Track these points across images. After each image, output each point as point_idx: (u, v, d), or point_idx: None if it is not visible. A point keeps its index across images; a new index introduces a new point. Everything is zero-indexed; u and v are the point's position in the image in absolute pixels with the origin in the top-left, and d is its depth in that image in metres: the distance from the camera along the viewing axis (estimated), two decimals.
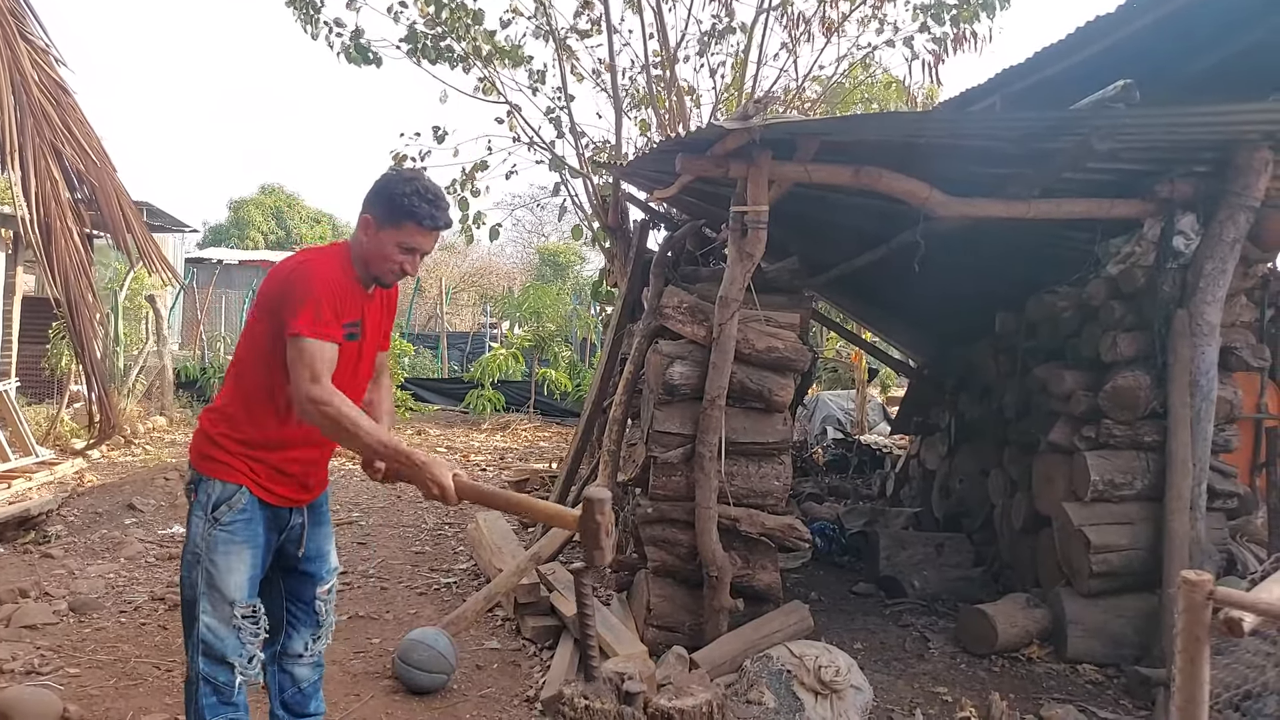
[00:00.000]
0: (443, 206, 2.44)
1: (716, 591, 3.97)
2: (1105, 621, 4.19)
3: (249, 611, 2.43)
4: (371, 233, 2.42)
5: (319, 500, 2.67)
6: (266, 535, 2.49)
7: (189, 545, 2.44)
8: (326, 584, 2.69)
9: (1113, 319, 4.32)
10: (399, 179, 2.44)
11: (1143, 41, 4.31)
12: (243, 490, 2.42)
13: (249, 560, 2.44)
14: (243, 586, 2.42)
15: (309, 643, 2.67)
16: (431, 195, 2.41)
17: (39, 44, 3.19)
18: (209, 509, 2.41)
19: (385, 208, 2.40)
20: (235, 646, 2.41)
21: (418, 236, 2.42)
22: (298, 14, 7.49)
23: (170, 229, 14.58)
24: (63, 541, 5.87)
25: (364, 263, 2.46)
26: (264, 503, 2.46)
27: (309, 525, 2.61)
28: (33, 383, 10.56)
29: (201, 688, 2.41)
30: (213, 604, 2.39)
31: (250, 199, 33.17)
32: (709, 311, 4.16)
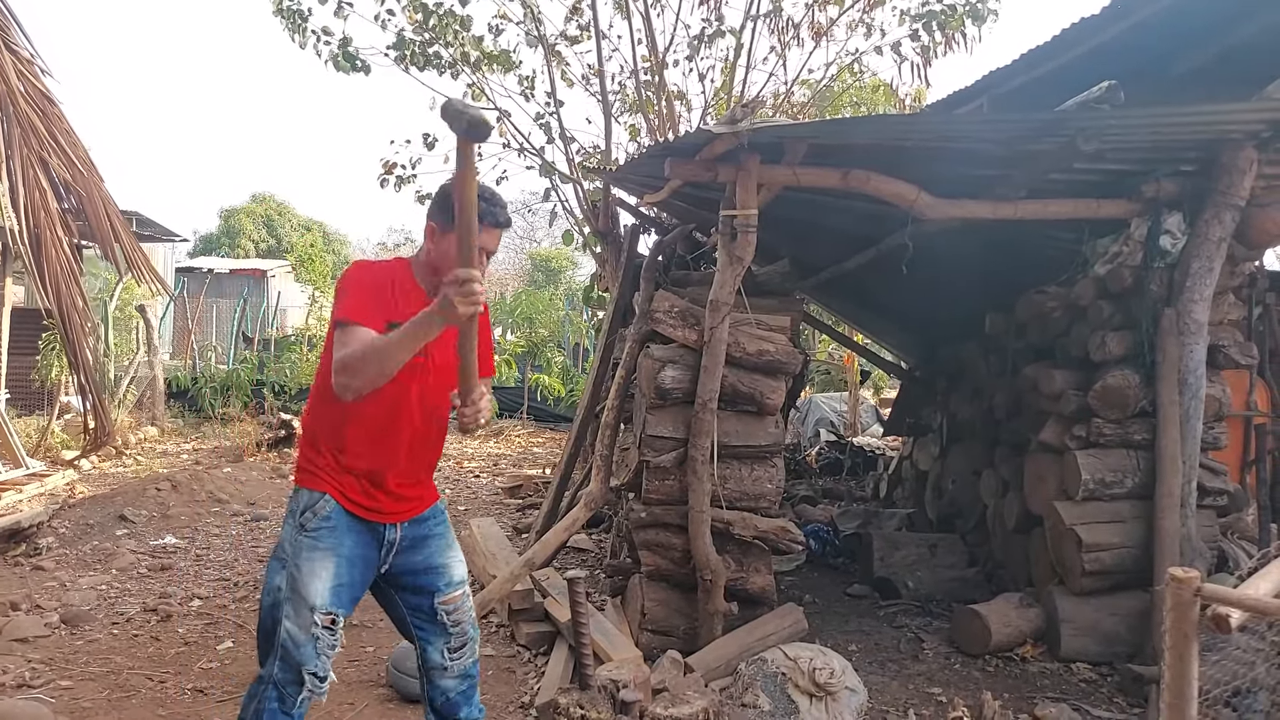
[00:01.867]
0: (501, 204, 2.48)
1: (711, 595, 3.97)
2: (1098, 620, 4.20)
3: (329, 621, 2.43)
4: (437, 239, 2.46)
5: (421, 517, 2.64)
6: (358, 548, 2.50)
7: (277, 550, 2.52)
8: (445, 595, 2.65)
9: (1101, 318, 4.34)
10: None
11: (1127, 43, 4.34)
12: (327, 499, 2.47)
13: (332, 568, 2.45)
14: (324, 593, 2.42)
15: (445, 653, 2.66)
16: (489, 195, 2.43)
17: (24, 55, 3.18)
18: (298, 515, 2.48)
19: (448, 213, 2.36)
20: (311, 656, 2.41)
21: (481, 236, 2.35)
22: (285, 23, 7.48)
23: (160, 238, 14.52)
24: (54, 553, 5.84)
25: (432, 270, 2.48)
26: (350, 514, 2.49)
27: (411, 540, 2.60)
28: (22, 394, 10.52)
29: (269, 691, 2.43)
30: (295, 609, 2.41)
31: (241, 207, 33.10)
32: (700, 315, 4.16)
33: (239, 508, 7.34)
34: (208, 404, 13.00)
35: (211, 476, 8.00)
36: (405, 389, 2.46)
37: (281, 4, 7.40)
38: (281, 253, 29.82)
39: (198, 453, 10.56)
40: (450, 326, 2.23)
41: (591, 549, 6.18)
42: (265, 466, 9.41)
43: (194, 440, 11.56)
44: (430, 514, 2.67)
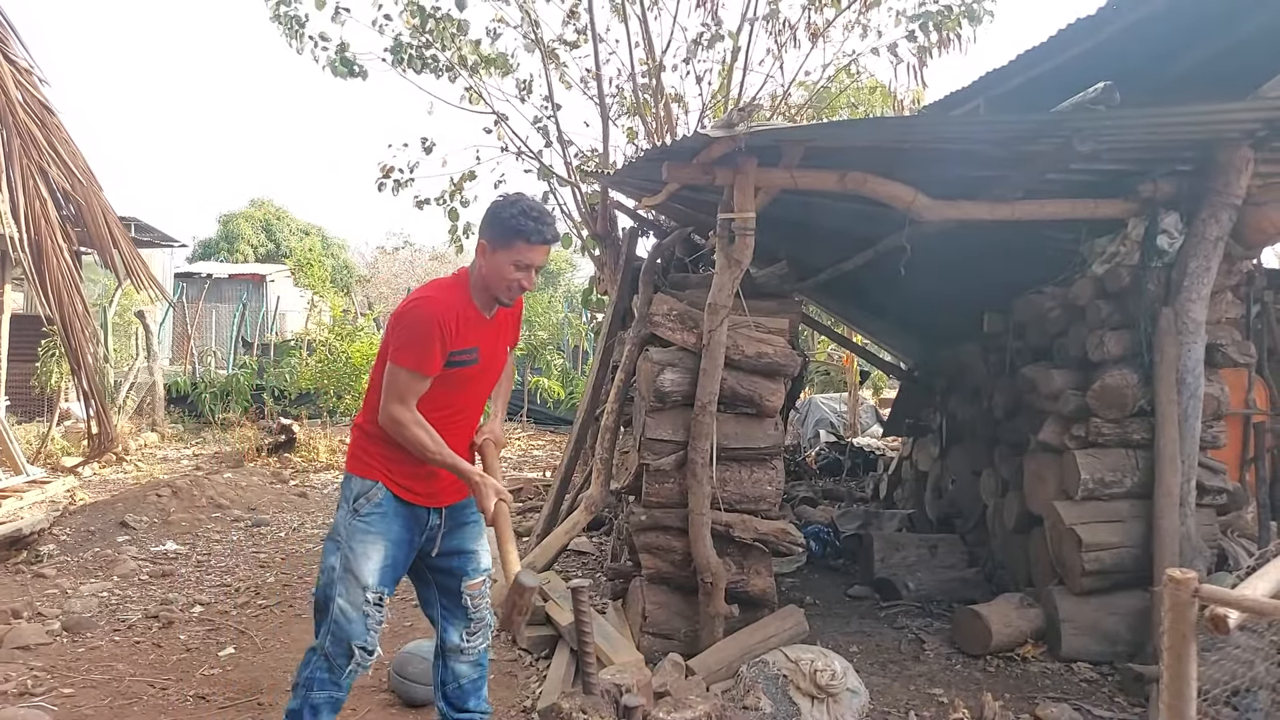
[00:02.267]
0: (548, 222, 2.65)
1: (711, 597, 3.98)
2: (1098, 619, 4.21)
3: (378, 599, 2.67)
4: (487, 256, 2.65)
5: (460, 504, 2.85)
6: (404, 532, 2.73)
7: (332, 533, 2.74)
8: (472, 580, 2.87)
9: (1099, 318, 4.35)
10: (505, 204, 2.65)
11: (1123, 43, 4.35)
12: (379, 486, 2.69)
13: (383, 550, 2.68)
14: (375, 573, 2.66)
15: (464, 636, 2.87)
16: (536, 213, 2.62)
17: (23, 65, 3.19)
18: (351, 501, 2.70)
19: (496, 231, 2.63)
20: (361, 631, 2.64)
21: (528, 252, 2.61)
22: (283, 29, 7.49)
23: (159, 244, 14.51)
24: (55, 560, 5.84)
25: (484, 286, 2.69)
26: (401, 500, 2.71)
27: (449, 525, 2.83)
28: (22, 401, 10.52)
29: (320, 661, 2.68)
30: (347, 587, 2.63)
31: (239, 212, 33.08)
32: (699, 318, 4.17)
33: (239, 513, 7.34)
34: (208, 409, 13.01)
35: (212, 482, 8.00)
36: (460, 390, 2.72)
37: (279, 10, 7.42)
38: (280, 257, 29.80)
39: (198, 458, 10.57)
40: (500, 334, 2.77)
41: (592, 552, 6.19)
42: (265, 471, 9.42)
43: (194, 446, 11.57)
44: (468, 501, 2.87)
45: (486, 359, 2.76)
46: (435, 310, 2.58)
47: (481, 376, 2.79)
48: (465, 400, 2.78)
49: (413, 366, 2.56)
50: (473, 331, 2.68)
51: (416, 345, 2.55)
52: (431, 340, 2.56)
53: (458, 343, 2.62)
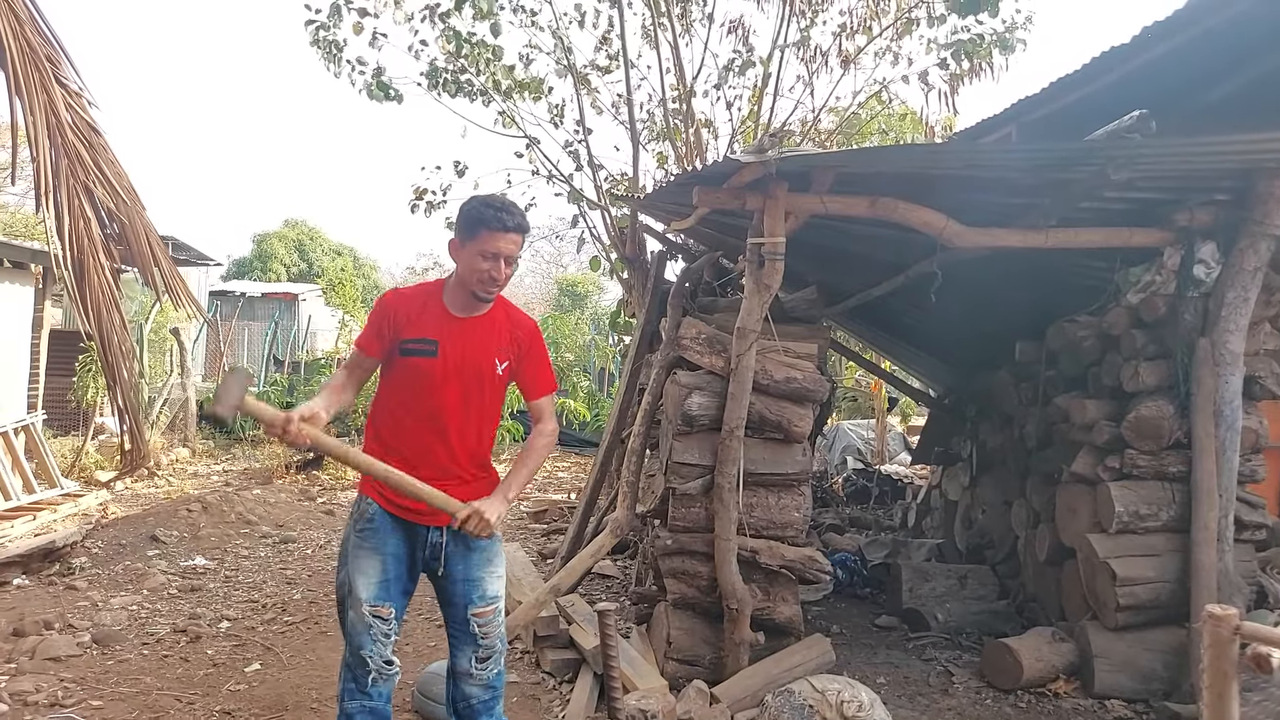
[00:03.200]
0: (512, 211, 2.67)
1: (737, 624, 3.94)
2: (1133, 656, 4.11)
3: (375, 613, 2.69)
4: (457, 251, 2.71)
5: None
6: (401, 546, 2.76)
7: (342, 547, 2.82)
8: (477, 608, 2.83)
9: (1134, 348, 4.29)
10: (470, 200, 2.73)
11: (1157, 70, 4.33)
12: (371, 502, 2.76)
13: (378, 565, 2.72)
14: (371, 588, 2.70)
15: (473, 661, 2.84)
16: (498, 203, 2.68)
17: (73, 88, 3.29)
18: (352, 517, 2.80)
19: (461, 224, 2.70)
20: (367, 642, 2.68)
21: (492, 240, 2.63)
22: (321, 53, 7.63)
23: (195, 262, 14.81)
24: (86, 573, 5.92)
25: (460, 284, 2.73)
26: (393, 516, 2.74)
27: (453, 547, 2.80)
28: (59, 415, 10.71)
29: (344, 673, 2.76)
30: (353, 601, 2.70)
31: (273, 232, 33.59)
32: (727, 342, 4.17)
33: (268, 529, 7.40)
34: (238, 426, 13.15)
35: (241, 498, 8.08)
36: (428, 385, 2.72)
37: (318, 35, 7.56)
38: (312, 277, 30.20)
39: (228, 474, 10.68)
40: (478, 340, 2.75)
41: (617, 575, 6.16)
42: (294, 489, 9.50)
43: (224, 462, 11.70)
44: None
45: (453, 359, 2.71)
46: (389, 296, 2.79)
47: (449, 378, 2.71)
48: (435, 404, 2.71)
49: (357, 341, 2.78)
50: (433, 324, 2.72)
51: (367, 326, 2.75)
52: (376, 320, 2.72)
53: (411, 330, 2.70)
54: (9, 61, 2.79)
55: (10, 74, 2.84)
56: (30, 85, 2.87)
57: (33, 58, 2.92)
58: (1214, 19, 3.95)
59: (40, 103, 2.93)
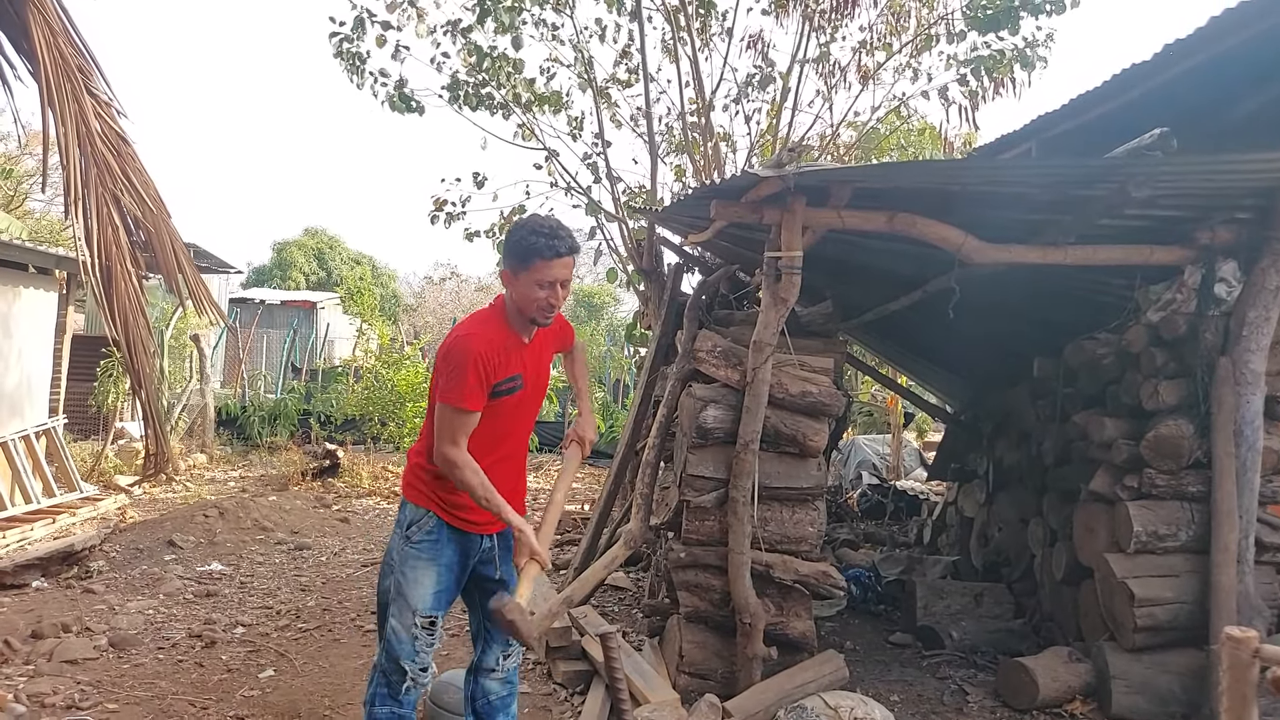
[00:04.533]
0: (562, 235, 2.65)
1: (750, 639, 3.93)
2: (1151, 677, 4.07)
3: (427, 622, 2.75)
4: (511, 280, 2.70)
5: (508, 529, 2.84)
6: (455, 556, 2.80)
7: (387, 557, 2.88)
8: None
9: (1154, 366, 4.25)
10: (516, 226, 2.72)
11: (1179, 88, 4.32)
12: (430, 514, 2.77)
13: (434, 576, 2.76)
14: (425, 599, 2.74)
15: (500, 659, 2.94)
16: (547, 229, 2.65)
17: (103, 98, 3.35)
18: (404, 528, 2.79)
19: (513, 255, 2.67)
20: (410, 652, 2.73)
21: (547, 270, 2.62)
22: (345, 65, 7.72)
23: (216, 270, 14.94)
24: (104, 577, 5.97)
25: (518, 311, 2.73)
26: (452, 527, 2.78)
27: (501, 550, 2.87)
28: (79, 419, 10.82)
29: (378, 678, 2.80)
30: (399, 609, 2.74)
31: (293, 241, 33.91)
32: (743, 355, 4.17)
33: (283, 536, 7.45)
34: (256, 432, 13.26)
35: (257, 505, 8.13)
36: (510, 418, 2.78)
37: (342, 47, 7.65)
38: (331, 285, 30.43)
39: (244, 480, 10.75)
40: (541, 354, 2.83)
41: (630, 587, 6.15)
42: (309, 496, 9.55)
43: (241, 468, 11.78)
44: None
45: (530, 382, 2.82)
46: (475, 345, 2.64)
47: (527, 400, 2.85)
48: (513, 426, 2.83)
49: (457, 404, 2.61)
50: (514, 358, 2.73)
51: (460, 383, 2.60)
52: (474, 377, 2.61)
53: (501, 373, 2.68)
54: (42, 72, 2.86)
55: (43, 84, 2.90)
56: (62, 95, 2.93)
57: (65, 69, 2.98)
58: (1236, 37, 3.93)
59: (71, 112, 2.99)
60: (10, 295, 8.33)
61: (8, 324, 8.29)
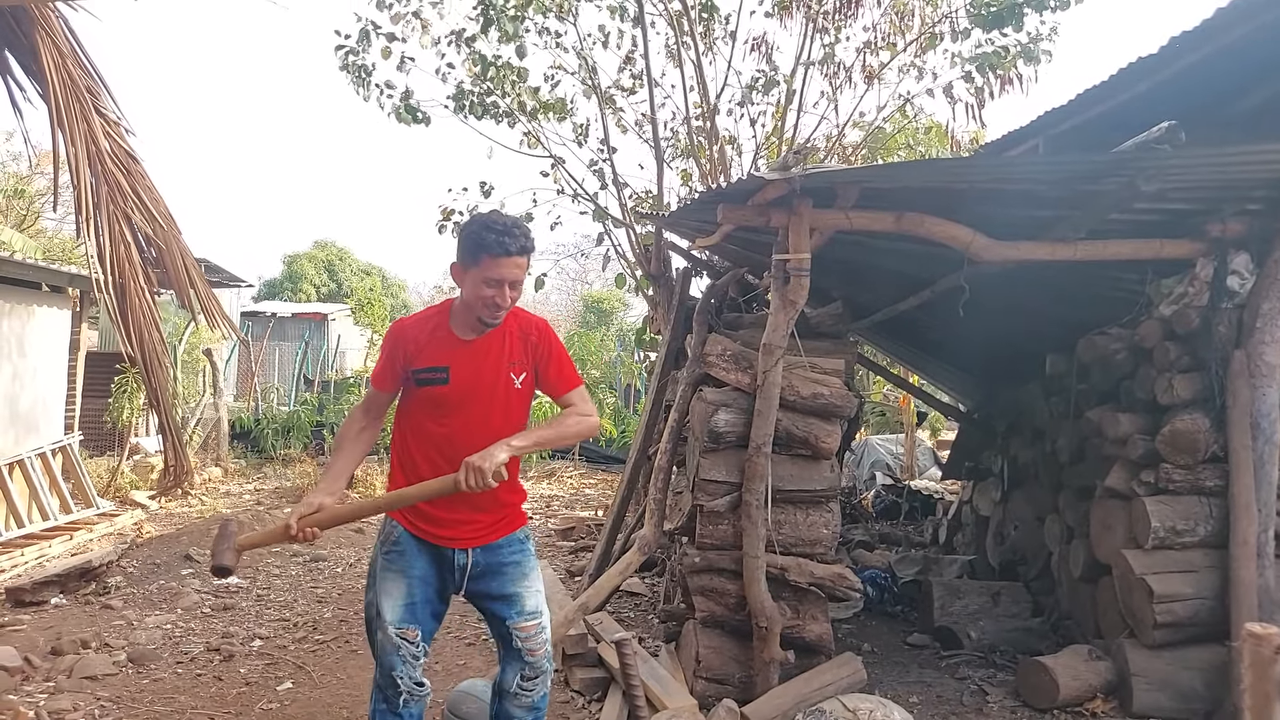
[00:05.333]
0: (514, 233, 2.55)
1: (766, 643, 3.92)
2: (1172, 674, 4.03)
3: (400, 634, 2.68)
4: (460, 276, 2.63)
5: (496, 545, 2.79)
6: (428, 569, 2.74)
7: (369, 571, 2.84)
8: (523, 622, 2.81)
9: (1167, 360, 4.23)
10: (470, 221, 2.67)
11: (1187, 81, 4.29)
12: (397, 525, 2.75)
13: (403, 588, 2.70)
14: (396, 610, 2.68)
15: (518, 681, 2.82)
16: (500, 226, 2.55)
17: (111, 117, 3.38)
18: (378, 539, 2.80)
19: (463, 250, 2.61)
20: (395, 664, 2.67)
21: (495, 268, 2.55)
22: (351, 78, 7.77)
23: (227, 284, 15.04)
24: (122, 592, 6.00)
25: (465, 309, 2.67)
26: (419, 539, 2.73)
27: (484, 567, 2.77)
28: (94, 435, 10.88)
29: (375, 694, 2.76)
30: (380, 624, 2.70)
31: (303, 253, 34.07)
32: (753, 359, 4.17)
33: (298, 548, 7.47)
34: (269, 445, 13.32)
35: (273, 517, 8.16)
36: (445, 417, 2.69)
37: (348, 60, 7.69)
38: (342, 297, 30.56)
39: (259, 493, 10.80)
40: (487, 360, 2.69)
41: (645, 593, 6.15)
42: None
43: (255, 481, 11.83)
44: (505, 542, 2.82)
45: (465, 382, 2.67)
46: (396, 327, 2.75)
47: (464, 402, 2.67)
48: (451, 431, 2.66)
49: (373, 378, 2.80)
50: (443, 350, 2.67)
51: (379, 362, 2.77)
52: (385, 357, 2.72)
53: (422, 359, 2.66)
54: (51, 94, 2.88)
55: (53, 106, 2.93)
56: (71, 116, 2.96)
57: (74, 90, 3.01)
58: (1243, 28, 3.90)
59: (81, 132, 3.01)
60: (25, 314, 8.40)
61: (23, 343, 8.36)
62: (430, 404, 2.70)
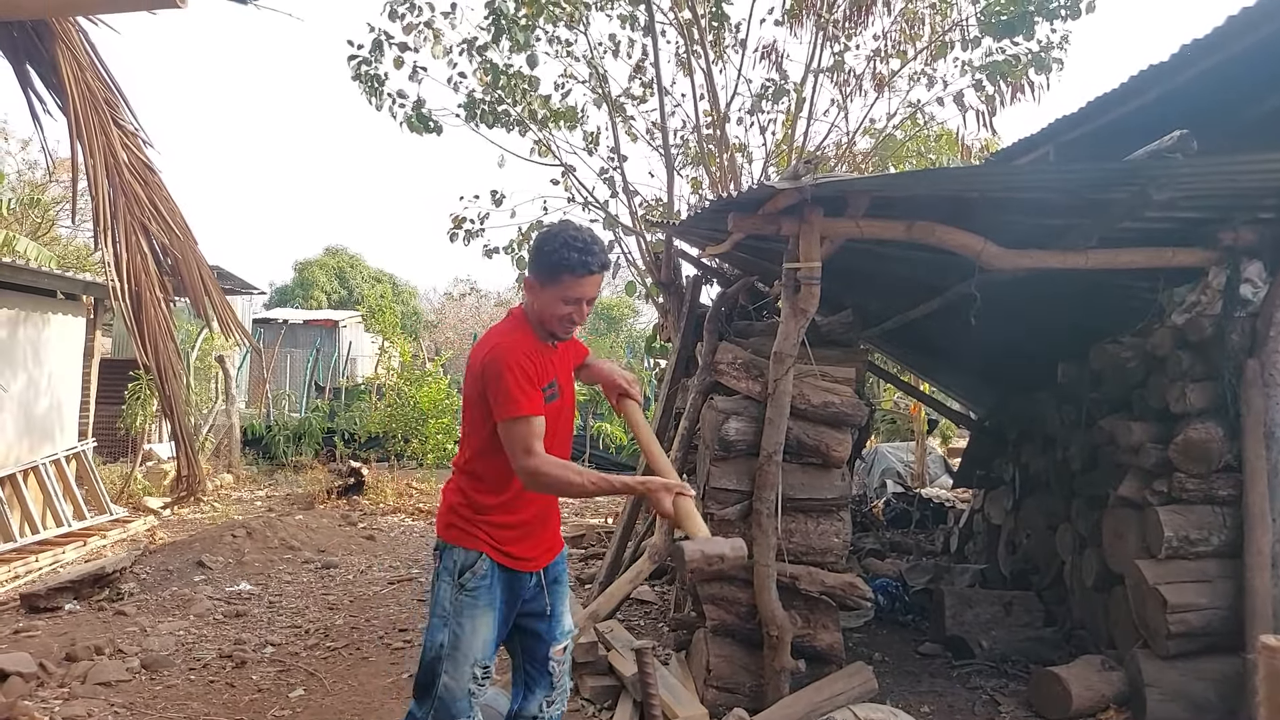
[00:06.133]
0: (595, 251, 2.50)
1: (777, 651, 3.91)
2: (1186, 685, 4.01)
3: (485, 672, 2.57)
4: (536, 292, 2.54)
5: (556, 559, 2.73)
6: (506, 599, 2.60)
7: (436, 609, 2.58)
8: (560, 644, 2.72)
9: (1180, 369, 4.21)
10: (547, 235, 2.54)
11: (1198, 88, 4.29)
12: (483, 557, 2.56)
13: (491, 623, 2.56)
14: (485, 647, 2.56)
15: (543, 705, 2.72)
16: (580, 243, 2.48)
17: (129, 129, 3.43)
18: (456, 575, 2.55)
19: (541, 266, 2.51)
20: (465, 709, 2.54)
21: (576, 287, 2.49)
22: (363, 87, 7.82)
23: (240, 291, 15.14)
24: (135, 599, 6.04)
25: (539, 322, 2.58)
26: (503, 567, 2.58)
27: (542, 584, 2.69)
28: (107, 442, 10.97)
29: None
30: (455, 664, 2.52)
31: (315, 260, 34.26)
32: (763, 367, 4.17)
33: (310, 555, 7.50)
34: (281, 451, 13.38)
35: (284, 524, 8.20)
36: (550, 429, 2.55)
37: (361, 70, 7.75)
38: (353, 304, 30.70)
39: (271, 499, 10.85)
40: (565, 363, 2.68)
41: (655, 601, 6.14)
42: (335, 514, 9.62)
43: (267, 487, 11.88)
44: (560, 559, 2.77)
45: (564, 391, 2.67)
46: (512, 354, 2.47)
47: (562, 409, 2.67)
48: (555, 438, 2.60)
49: (516, 413, 2.42)
50: (549, 365, 2.59)
51: (510, 393, 2.42)
52: (522, 382, 2.44)
53: (543, 378, 2.53)
54: (70, 106, 2.93)
55: (72, 118, 2.97)
56: (90, 128, 3.00)
57: (92, 102, 3.05)
58: (1255, 35, 3.90)
59: (99, 145, 3.06)
60: (40, 322, 8.48)
61: (38, 350, 8.44)
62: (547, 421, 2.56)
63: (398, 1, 7.60)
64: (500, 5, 7.42)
